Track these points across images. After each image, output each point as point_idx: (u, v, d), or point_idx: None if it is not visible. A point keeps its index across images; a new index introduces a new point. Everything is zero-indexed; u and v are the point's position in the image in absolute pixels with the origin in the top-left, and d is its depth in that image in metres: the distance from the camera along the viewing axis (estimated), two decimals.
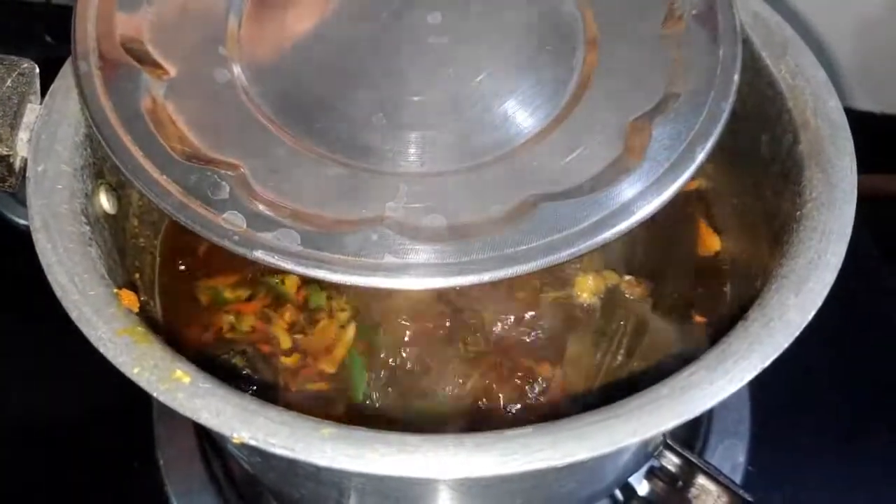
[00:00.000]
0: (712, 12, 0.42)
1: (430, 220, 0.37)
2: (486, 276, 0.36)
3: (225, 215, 0.37)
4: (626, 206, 0.37)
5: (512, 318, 0.47)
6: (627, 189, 0.37)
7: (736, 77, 0.41)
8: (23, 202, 0.40)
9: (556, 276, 0.48)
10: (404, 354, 0.46)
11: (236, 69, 0.42)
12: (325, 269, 0.36)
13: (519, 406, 0.45)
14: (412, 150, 0.40)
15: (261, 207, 0.37)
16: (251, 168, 0.38)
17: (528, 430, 0.32)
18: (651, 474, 0.54)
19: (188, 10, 0.42)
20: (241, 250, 0.36)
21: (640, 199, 0.37)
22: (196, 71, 0.41)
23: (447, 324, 0.47)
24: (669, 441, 0.49)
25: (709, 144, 0.39)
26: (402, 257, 0.36)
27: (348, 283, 0.36)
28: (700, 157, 0.38)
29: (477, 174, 0.39)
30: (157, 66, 0.40)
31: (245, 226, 0.36)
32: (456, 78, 0.41)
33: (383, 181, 0.39)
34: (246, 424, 0.32)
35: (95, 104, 0.39)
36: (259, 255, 0.36)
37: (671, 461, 0.50)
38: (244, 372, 0.46)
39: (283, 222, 0.37)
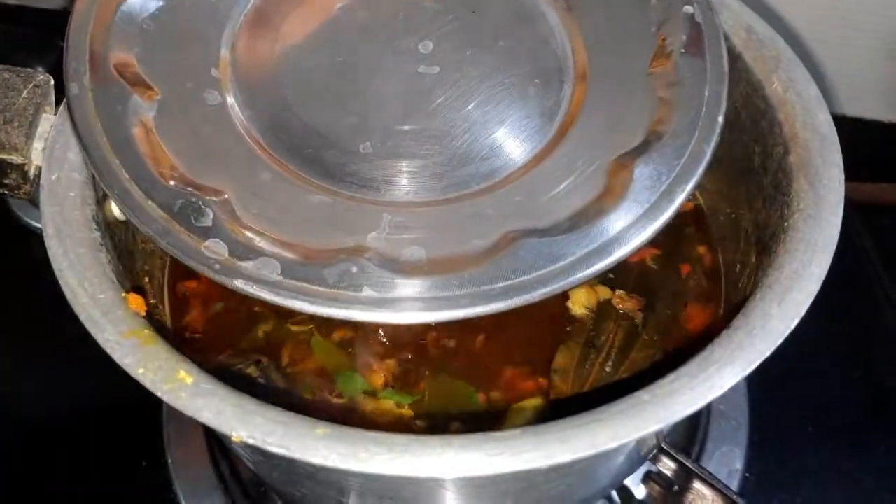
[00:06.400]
0: (701, 51, 0.43)
1: (410, 252, 0.38)
2: (461, 313, 0.36)
3: (207, 243, 0.37)
4: (604, 246, 0.37)
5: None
6: (606, 229, 0.38)
7: (720, 119, 0.41)
8: (38, 205, 0.41)
9: None
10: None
11: (228, 92, 0.42)
12: (303, 301, 0.36)
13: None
14: (397, 180, 0.40)
15: (243, 235, 0.37)
16: (236, 194, 0.39)
17: (515, 432, 0.33)
18: (648, 478, 0.55)
19: (182, 32, 0.43)
20: (221, 279, 0.36)
21: (618, 239, 0.38)
22: (187, 93, 0.41)
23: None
24: (665, 446, 0.50)
25: (689, 186, 0.39)
26: (381, 291, 0.36)
27: (325, 315, 0.36)
28: (680, 198, 0.39)
29: (460, 206, 0.40)
30: (148, 87, 0.41)
31: (227, 254, 0.37)
32: (444, 108, 0.42)
33: (367, 210, 0.39)
34: (244, 423, 0.33)
35: (85, 127, 0.39)
36: (238, 284, 0.36)
37: (667, 466, 0.51)
38: (259, 382, 0.47)
39: (265, 251, 0.37)
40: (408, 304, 0.36)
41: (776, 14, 0.70)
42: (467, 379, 0.47)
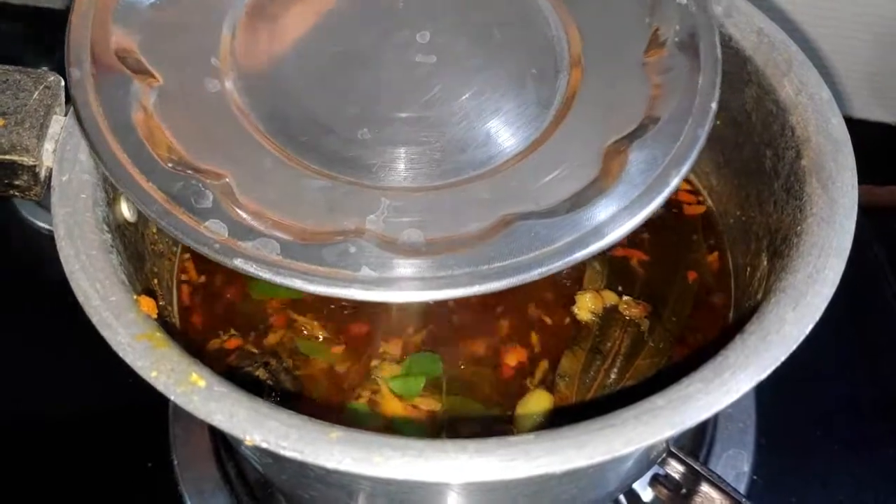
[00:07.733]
0: (694, 40, 0.44)
1: (408, 234, 0.38)
2: (459, 292, 0.37)
3: (207, 223, 0.38)
4: (599, 227, 0.38)
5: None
6: (602, 211, 0.38)
7: (713, 105, 0.42)
8: (46, 207, 0.41)
9: (558, 293, 0.49)
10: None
11: (227, 80, 0.43)
12: (302, 280, 0.36)
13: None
14: (395, 166, 0.41)
15: (243, 216, 0.38)
16: (236, 177, 0.39)
17: (530, 437, 0.33)
18: (655, 481, 0.55)
19: (183, 21, 0.44)
20: (220, 258, 0.37)
21: (613, 220, 0.38)
22: (187, 80, 0.42)
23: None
24: (673, 449, 0.50)
25: (683, 169, 0.40)
26: (379, 270, 0.37)
27: (324, 294, 0.36)
28: (674, 181, 0.39)
29: (457, 191, 0.40)
30: (149, 74, 0.41)
31: (227, 234, 0.37)
32: (441, 96, 0.43)
33: (366, 194, 0.40)
34: (258, 427, 0.33)
35: (86, 111, 0.40)
36: (238, 263, 0.37)
37: (675, 469, 0.51)
38: (268, 383, 0.47)
39: (264, 232, 0.38)
40: (406, 284, 0.37)
41: (784, 16, 0.70)
42: (470, 383, 0.47)
